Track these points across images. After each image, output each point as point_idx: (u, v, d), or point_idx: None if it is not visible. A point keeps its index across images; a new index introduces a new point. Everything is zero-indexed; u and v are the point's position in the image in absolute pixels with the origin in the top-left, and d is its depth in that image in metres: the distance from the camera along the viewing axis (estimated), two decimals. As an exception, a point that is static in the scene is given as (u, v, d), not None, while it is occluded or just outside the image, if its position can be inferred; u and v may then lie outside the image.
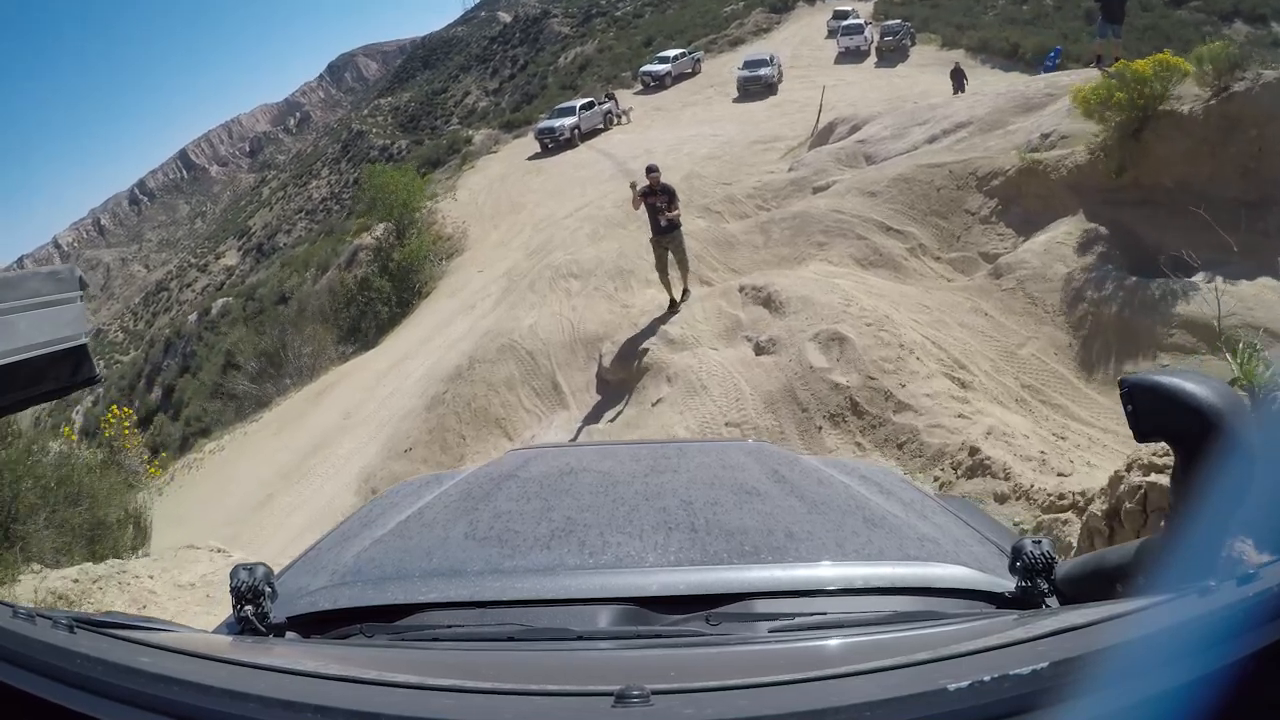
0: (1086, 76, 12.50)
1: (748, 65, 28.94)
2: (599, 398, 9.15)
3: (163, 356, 40.37)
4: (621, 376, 9.03)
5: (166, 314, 67.18)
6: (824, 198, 11.95)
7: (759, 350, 7.89)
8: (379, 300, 19.54)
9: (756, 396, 7.04)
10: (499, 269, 16.87)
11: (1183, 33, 27.62)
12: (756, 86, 27.87)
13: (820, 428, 6.34)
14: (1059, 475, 5.03)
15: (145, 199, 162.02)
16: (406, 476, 9.47)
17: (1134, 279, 8.03)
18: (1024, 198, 9.90)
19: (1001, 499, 4.81)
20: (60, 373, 3.95)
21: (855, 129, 16.06)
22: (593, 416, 8.79)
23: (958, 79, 22.25)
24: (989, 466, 5.08)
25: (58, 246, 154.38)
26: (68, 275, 4.13)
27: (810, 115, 21.15)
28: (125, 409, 8.29)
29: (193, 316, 43.99)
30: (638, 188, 8.86)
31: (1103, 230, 8.75)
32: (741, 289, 9.27)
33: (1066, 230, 8.91)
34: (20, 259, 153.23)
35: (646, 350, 8.88)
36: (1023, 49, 29.74)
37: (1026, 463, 5.17)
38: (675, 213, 8.79)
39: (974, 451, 5.27)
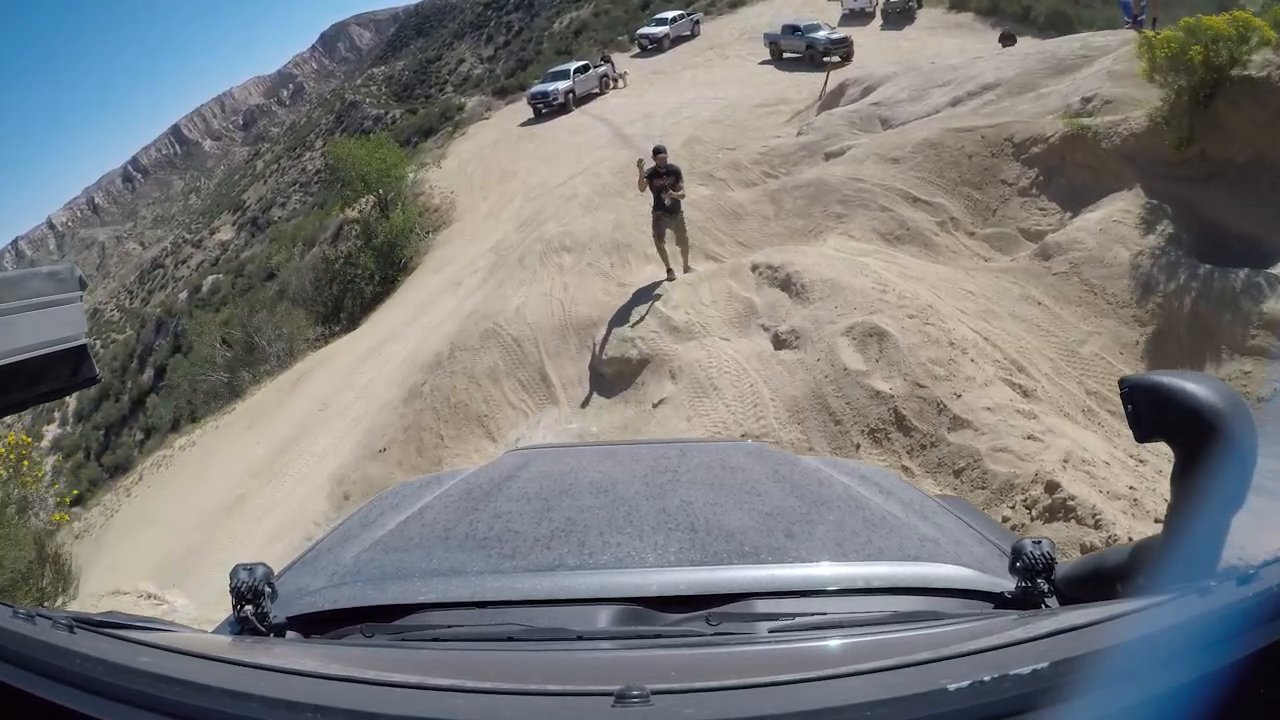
0: (1124, 38, 11.50)
1: (806, 29, 25.61)
2: (593, 393, 8.14)
3: (154, 336, 39.79)
4: (618, 369, 8.02)
5: (162, 291, 66.48)
6: (839, 164, 10.92)
7: (779, 343, 6.84)
8: (362, 278, 18.50)
9: (779, 402, 5.96)
10: (487, 242, 15.84)
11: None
12: (841, 51, 24.49)
13: (858, 445, 5.26)
14: (1158, 522, 3.98)
15: (139, 176, 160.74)
16: (381, 480, 8.60)
17: (1207, 267, 6.96)
18: (1069, 168, 8.80)
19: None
20: (60, 373, 3.91)
21: (868, 91, 15.11)
22: (586, 417, 7.79)
23: (1007, 43, 20.79)
24: (1073, 509, 3.99)
25: (52, 226, 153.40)
26: (68, 275, 4.04)
27: (815, 77, 20.02)
28: (25, 437, 7.39)
29: (183, 294, 43.14)
30: (644, 168, 8.30)
31: (1166, 208, 7.67)
32: (754, 268, 8.25)
33: (1123, 207, 7.81)
34: (15, 240, 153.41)
35: (646, 339, 7.89)
36: (1035, 12, 28.13)
37: (1115, 502, 4.09)
38: (680, 193, 8.43)
39: (1053, 487, 4.17)
